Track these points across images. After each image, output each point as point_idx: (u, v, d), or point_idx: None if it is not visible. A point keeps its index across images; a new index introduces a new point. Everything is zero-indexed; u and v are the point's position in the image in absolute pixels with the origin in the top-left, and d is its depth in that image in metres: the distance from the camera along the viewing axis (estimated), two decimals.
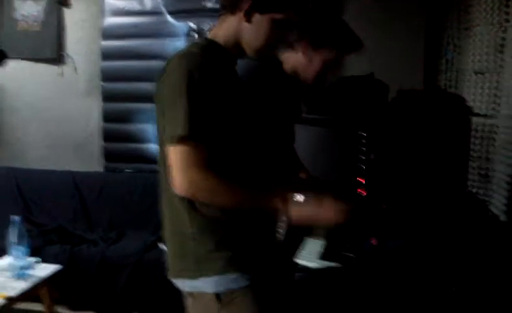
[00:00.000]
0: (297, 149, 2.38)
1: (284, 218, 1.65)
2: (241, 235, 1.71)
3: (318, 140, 2.91)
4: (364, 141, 2.58)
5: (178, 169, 1.59)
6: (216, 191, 1.61)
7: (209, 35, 1.78)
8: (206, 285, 1.68)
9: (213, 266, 1.68)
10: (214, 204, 1.65)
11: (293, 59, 2.18)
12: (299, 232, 2.39)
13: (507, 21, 2.83)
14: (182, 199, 1.65)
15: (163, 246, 1.86)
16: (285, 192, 1.69)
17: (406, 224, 2.22)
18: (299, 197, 1.68)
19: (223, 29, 1.75)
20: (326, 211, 1.68)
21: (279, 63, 2.21)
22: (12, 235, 3.07)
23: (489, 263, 1.95)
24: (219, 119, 1.63)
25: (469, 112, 2.39)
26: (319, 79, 2.19)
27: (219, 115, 1.62)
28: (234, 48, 1.75)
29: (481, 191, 2.93)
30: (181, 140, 1.57)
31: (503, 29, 2.86)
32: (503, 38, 2.85)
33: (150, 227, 3.84)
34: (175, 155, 1.60)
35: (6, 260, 3.20)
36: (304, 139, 2.52)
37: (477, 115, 2.90)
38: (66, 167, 4.43)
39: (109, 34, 4.41)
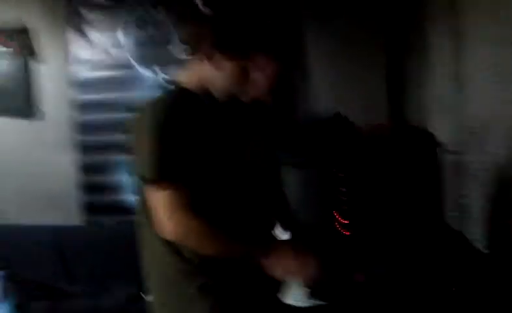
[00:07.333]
0: None
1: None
2: (224, 281, 1.71)
3: (294, 182, 2.98)
4: (338, 179, 2.64)
5: (164, 212, 1.59)
6: (203, 233, 1.62)
7: (178, 82, 1.75)
8: None
9: (196, 312, 1.68)
10: (200, 248, 1.64)
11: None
12: None
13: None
14: (166, 244, 1.66)
15: (147, 297, 1.85)
16: (269, 246, 1.70)
17: (388, 257, 2.30)
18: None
19: (190, 75, 1.73)
20: (300, 270, 1.71)
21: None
22: None
23: (473, 292, 2.04)
24: (198, 162, 1.61)
25: (438, 147, 2.48)
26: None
27: (198, 158, 1.61)
28: (205, 93, 1.70)
29: (458, 224, 2.99)
30: (158, 183, 1.58)
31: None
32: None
33: (134, 279, 3.69)
34: (160, 199, 1.60)
35: None
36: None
37: (447, 151, 3.01)
38: (43, 222, 4.32)
39: (79, 85, 4.40)
